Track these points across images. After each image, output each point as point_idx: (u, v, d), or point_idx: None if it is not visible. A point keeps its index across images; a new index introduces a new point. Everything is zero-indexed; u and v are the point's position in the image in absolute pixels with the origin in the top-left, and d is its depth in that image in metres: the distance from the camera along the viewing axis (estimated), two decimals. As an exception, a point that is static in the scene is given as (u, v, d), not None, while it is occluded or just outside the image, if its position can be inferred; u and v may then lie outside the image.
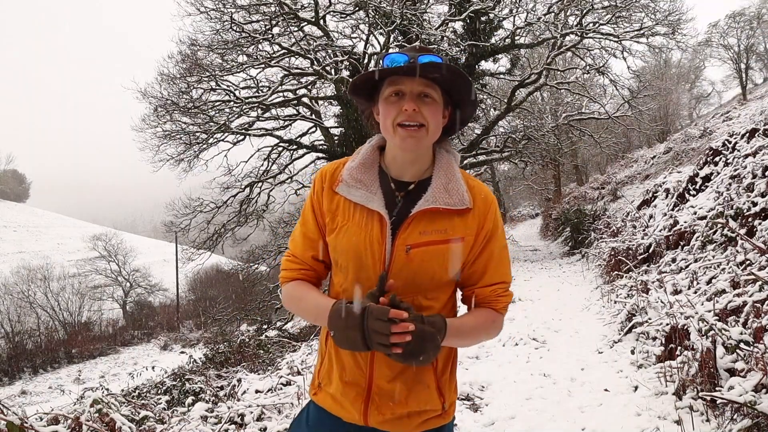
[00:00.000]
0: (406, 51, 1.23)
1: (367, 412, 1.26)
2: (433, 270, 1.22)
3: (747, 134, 7.21)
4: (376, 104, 1.28)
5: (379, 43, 14.59)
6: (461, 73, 1.20)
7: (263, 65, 14.14)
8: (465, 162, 16.80)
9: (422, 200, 1.23)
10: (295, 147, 16.44)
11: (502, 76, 18.56)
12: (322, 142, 16.54)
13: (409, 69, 1.18)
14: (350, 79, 13.41)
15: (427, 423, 1.29)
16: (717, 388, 2.94)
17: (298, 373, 5.03)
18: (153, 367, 8.35)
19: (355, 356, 1.26)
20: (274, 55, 14.13)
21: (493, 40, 15.46)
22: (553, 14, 15.44)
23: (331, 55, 14.48)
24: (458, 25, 15.41)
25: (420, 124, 1.20)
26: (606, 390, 3.81)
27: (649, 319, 4.67)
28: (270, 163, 16.28)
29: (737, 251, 4.61)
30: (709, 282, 4.67)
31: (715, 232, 5.71)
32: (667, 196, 9.14)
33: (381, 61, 1.24)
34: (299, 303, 1.32)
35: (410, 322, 1.08)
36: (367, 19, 14.11)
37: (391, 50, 1.35)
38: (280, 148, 16.34)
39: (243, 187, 15.75)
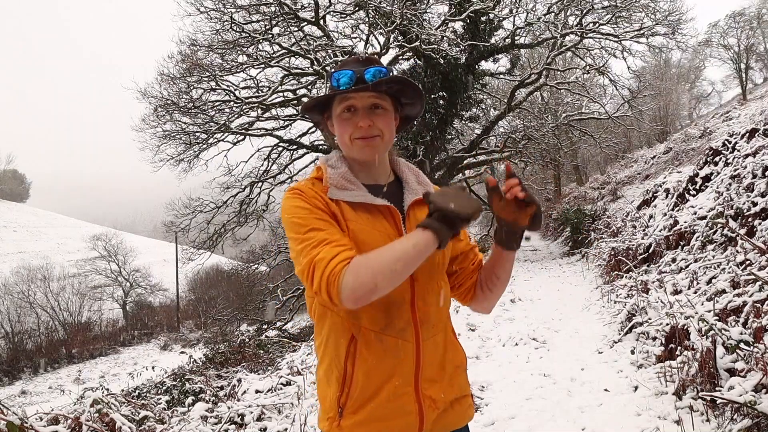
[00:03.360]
0: (349, 65, 1.26)
1: (423, 413, 1.23)
2: (442, 252, 1.30)
3: (747, 134, 7.22)
4: (329, 118, 1.33)
5: (379, 43, 14.60)
6: (408, 81, 1.26)
7: (263, 65, 14.13)
8: (465, 162, 16.82)
9: (408, 194, 1.32)
10: (295, 147, 16.45)
11: (502, 76, 18.54)
12: (322, 142, 16.53)
13: (360, 88, 1.21)
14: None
15: (467, 412, 1.34)
16: (717, 388, 2.94)
17: (298, 373, 5.03)
18: (153, 367, 8.36)
19: (400, 353, 1.21)
20: (274, 55, 14.13)
21: (493, 40, 15.45)
22: (553, 14, 15.45)
23: (331, 55, 14.46)
24: (458, 25, 15.39)
25: (375, 135, 1.25)
26: (606, 390, 3.81)
27: (649, 319, 4.67)
28: (270, 163, 16.29)
29: (737, 251, 4.61)
30: (709, 282, 4.67)
31: (715, 232, 5.71)
32: (667, 196, 9.14)
33: (329, 79, 1.27)
34: (387, 252, 1.11)
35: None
36: (367, 19, 14.11)
37: (335, 67, 1.35)
38: (280, 148, 16.34)
39: (243, 187, 15.76)
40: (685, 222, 6.77)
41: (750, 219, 5.17)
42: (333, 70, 1.27)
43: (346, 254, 1.11)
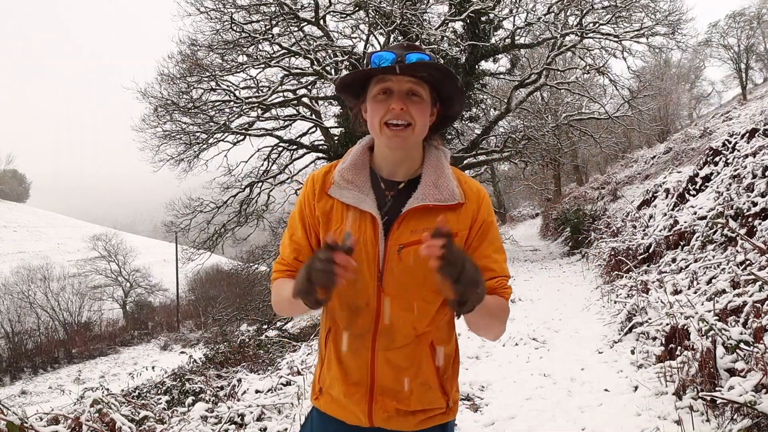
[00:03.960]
0: (393, 48, 1.22)
1: (372, 411, 1.26)
2: (427, 269, 1.17)
3: (747, 134, 7.21)
4: (364, 102, 1.27)
5: (379, 43, 14.59)
6: (449, 71, 1.20)
7: (263, 65, 14.14)
8: (465, 162, 16.82)
9: (412, 198, 1.23)
10: (295, 147, 16.45)
11: (502, 76, 18.55)
12: (322, 142, 16.54)
13: (397, 68, 1.17)
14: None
15: (431, 420, 1.30)
16: (717, 388, 2.94)
17: (298, 373, 5.03)
18: (153, 367, 8.36)
19: (356, 358, 1.26)
20: (274, 55, 14.13)
21: (493, 40, 15.44)
22: (553, 14, 15.44)
23: (331, 55, 14.47)
24: (458, 25, 15.39)
25: (407, 123, 1.19)
26: (606, 390, 3.81)
27: (649, 319, 4.67)
28: (270, 163, 16.29)
29: (737, 251, 4.61)
30: (709, 282, 4.67)
31: (715, 232, 5.71)
32: (667, 196, 9.14)
33: (369, 59, 1.23)
34: (280, 293, 1.31)
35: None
36: (367, 19, 14.11)
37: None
38: (280, 148, 16.35)
39: (243, 187, 15.75)
40: (685, 222, 6.77)
41: (750, 219, 5.17)
42: (374, 51, 1.24)
43: (273, 276, 1.37)
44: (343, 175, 1.27)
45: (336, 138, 15.71)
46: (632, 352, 4.37)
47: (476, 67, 15.52)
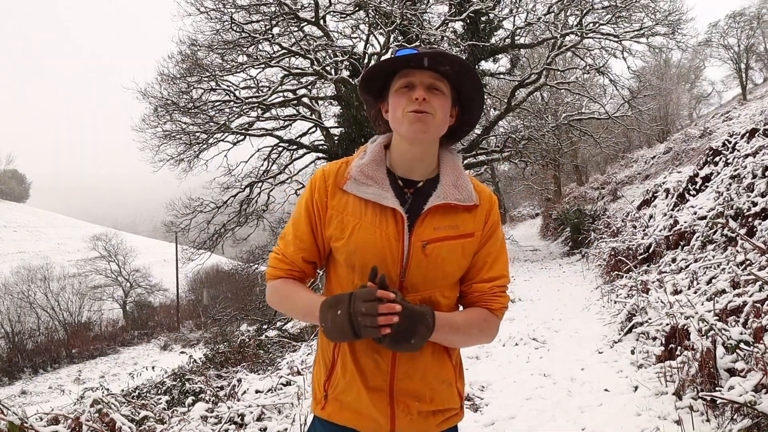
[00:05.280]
0: (417, 48, 1.24)
1: (395, 416, 1.23)
2: (448, 265, 1.23)
3: (747, 134, 7.22)
4: (384, 102, 1.28)
5: (379, 43, 14.60)
6: (470, 67, 1.23)
7: (263, 65, 14.13)
8: (465, 162, 16.81)
9: (434, 196, 1.24)
10: (295, 147, 16.46)
11: (502, 76, 18.55)
12: (322, 142, 16.55)
13: (421, 57, 1.19)
14: (350, 79, 13.47)
15: (448, 421, 1.31)
16: (717, 388, 2.94)
17: (298, 373, 5.03)
18: (153, 367, 8.37)
19: (376, 358, 1.23)
20: (274, 55, 14.13)
21: (493, 40, 15.45)
22: (553, 14, 15.45)
23: (331, 55, 14.48)
24: (458, 25, 15.41)
25: (429, 113, 1.21)
26: (606, 390, 3.81)
27: (649, 319, 4.67)
28: (270, 163, 16.30)
29: (737, 251, 4.61)
30: (709, 282, 4.67)
31: (715, 232, 5.71)
32: (667, 196, 9.14)
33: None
34: (287, 300, 1.30)
35: (398, 303, 1.09)
36: (367, 19, 14.11)
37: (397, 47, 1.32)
38: (280, 148, 16.35)
39: (243, 187, 15.76)
40: (685, 222, 6.77)
41: (750, 219, 5.17)
42: (398, 49, 1.26)
43: (274, 272, 1.33)
44: (363, 171, 1.25)
45: (336, 138, 15.71)
46: (632, 352, 4.37)
47: (476, 67, 15.51)
